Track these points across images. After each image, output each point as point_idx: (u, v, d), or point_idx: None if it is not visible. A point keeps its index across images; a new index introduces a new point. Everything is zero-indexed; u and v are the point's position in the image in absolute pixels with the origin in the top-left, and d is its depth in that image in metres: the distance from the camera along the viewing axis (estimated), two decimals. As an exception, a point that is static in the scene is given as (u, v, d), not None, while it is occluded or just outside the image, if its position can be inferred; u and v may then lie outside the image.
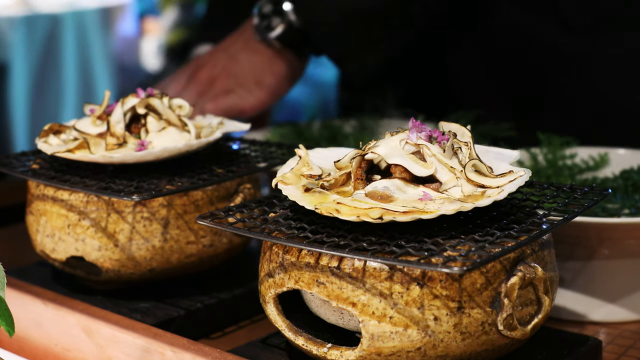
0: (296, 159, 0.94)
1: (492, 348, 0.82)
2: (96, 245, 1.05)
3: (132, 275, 1.07)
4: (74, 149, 1.07)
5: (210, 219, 0.88)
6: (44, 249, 1.10)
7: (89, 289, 1.11)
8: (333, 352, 0.84)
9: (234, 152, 1.16)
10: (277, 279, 0.86)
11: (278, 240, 0.82)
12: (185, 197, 1.06)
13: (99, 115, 1.10)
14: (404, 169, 0.85)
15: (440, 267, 0.74)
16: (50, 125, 1.12)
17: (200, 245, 1.08)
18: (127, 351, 0.95)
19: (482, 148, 0.93)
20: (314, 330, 0.88)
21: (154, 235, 1.05)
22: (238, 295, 1.12)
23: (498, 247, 0.78)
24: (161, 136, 1.08)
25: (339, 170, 0.89)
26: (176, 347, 0.91)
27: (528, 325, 0.83)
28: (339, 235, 0.81)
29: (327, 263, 0.81)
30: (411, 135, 0.87)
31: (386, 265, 0.79)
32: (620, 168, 1.25)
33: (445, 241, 0.79)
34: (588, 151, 1.31)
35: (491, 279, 0.80)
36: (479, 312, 0.80)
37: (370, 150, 0.87)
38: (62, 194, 1.06)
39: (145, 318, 1.04)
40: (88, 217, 1.05)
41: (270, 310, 0.89)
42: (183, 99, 1.11)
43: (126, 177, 1.05)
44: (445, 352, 0.81)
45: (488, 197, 0.82)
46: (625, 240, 1.06)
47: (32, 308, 1.05)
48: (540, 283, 0.83)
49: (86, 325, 0.99)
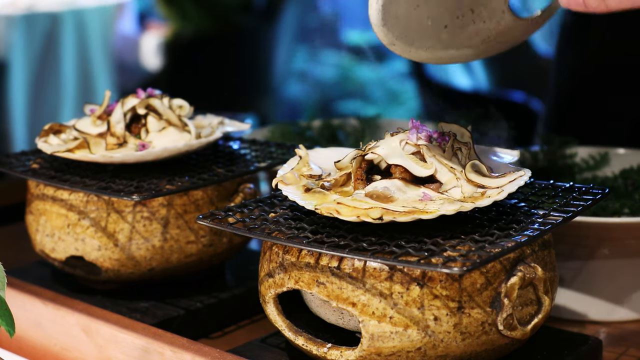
0: (296, 159, 0.94)
1: (492, 348, 0.82)
2: (96, 245, 1.05)
3: (131, 275, 1.07)
4: (74, 148, 1.07)
5: (210, 219, 0.88)
6: (44, 249, 1.09)
7: (88, 288, 1.11)
8: (333, 352, 0.84)
9: (234, 152, 1.16)
10: (277, 279, 0.86)
11: (278, 240, 0.82)
12: (185, 197, 1.06)
13: (99, 115, 1.10)
14: (404, 170, 0.85)
15: (440, 267, 0.74)
16: (50, 125, 1.12)
17: (200, 245, 1.08)
18: (127, 351, 0.95)
19: (482, 148, 0.93)
20: (314, 330, 0.88)
21: (153, 235, 1.05)
22: (238, 295, 1.12)
23: (498, 247, 0.78)
24: (161, 136, 1.08)
25: (340, 170, 0.89)
26: (176, 347, 0.91)
27: (528, 325, 0.83)
28: (339, 235, 0.81)
29: (327, 263, 0.81)
30: (411, 135, 0.87)
31: (386, 266, 0.79)
32: (620, 167, 1.25)
33: (445, 241, 0.79)
34: (588, 151, 1.31)
35: (491, 279, 0.80)
36: (479, 312, 0.80)
37: (371, 150, 0.87)
38: (62, 194, 1.06)
39: (145, 318, 1.04)
40: (88, 216, 1.05)
41: (270, 310, 0.88)
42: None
43: (126, 177, 1.05)
44: (445, 352, 0.81)
45: (488, 198, 0.83)
46: (625, 240, 1.06)
47: (32, 308, 1.05)
48: (540, 283, 0.83)
49: (86, 325, 0.99)
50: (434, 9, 0.84)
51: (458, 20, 0.86)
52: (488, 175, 0.86)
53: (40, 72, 3.78)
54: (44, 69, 3.80)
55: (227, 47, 4.30)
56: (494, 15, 0.88)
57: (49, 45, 3.79)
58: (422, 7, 0.83)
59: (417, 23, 0.84)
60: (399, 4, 0.82)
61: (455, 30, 0.86)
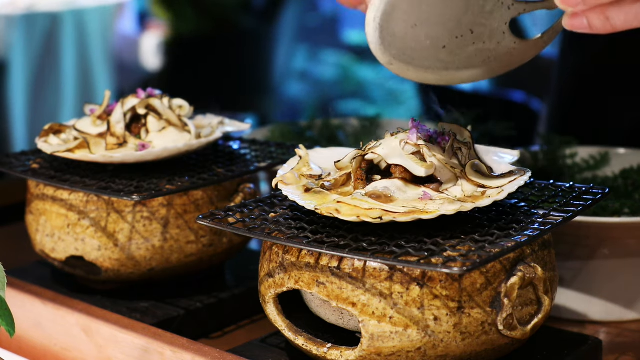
0: (296, 159, 0.94)
1: (492, 348, 0.82)
2: (96, 245, 1.05)
3: (131, 275, 1.07)
4: (74, 148, 1.07)
5: (210, 219, 0.88)
6: (44, 249, 1.09)
7: (88, 288, 1.11)
8: (333, 352, 0.84)
9: (234, 152, 1.16)
10: (277, 279, 0.86)
11: (278, 240, 0.82)
12: (185, 197, 1.06)
13: (99, 115, 1.10)
14: (404, 169, 0.85)
15: (440, 267, 0.74)
16: (50, 125, 1.12)
17: (200, 245, 1.08)
18: (127, 351, 0.95)
19: (482, 148, 0.93)
20: (314, 330, 0.88)
21: (153, 235, 1.05)
22: (238, 295, 1.11)
23: (498, 247, 0.78)
24: (161, 136, 1.08)
25: (340, 170, 0.89)
26: (176, 347, 0.91)
27: (528, 325, 0.83)
28: (339, 235, 0.81)
29: (327, 263, 0.81)
30: (411, 135, 0.87)
31: (386, 266, 0.79)
32: (621, 167, 1.25)
33: (445, 241, 0.79)
34: (588, 150, 1.31)
35: (491, 279, 0.80)
36: (479, 312, 0.80)
37: (371, 150, 0.87)
38: (62, 194, 1.06)
39: (145, 318, 1.04)
40: (88, 216, 1.05)
41: (270, 310, 0.88)
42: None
43: (126, 177, 1.05)
44: (445, 352, 0.81)
45: (488, 197, 0.83)
46: (625, 240, 1.06)
47: (32, 308, 1.05)
48: (540, 283, 0.83)
49: (85, 325, 0.99)
50: (432, 28, 0.84)
51: (457, 40, 0.86)
52: (488, 175, 0.86)
53: (40, 72, 3.78)
54: (44, 69, 3.79)
55: (227, 47, 4.31)
56: (494, 36, 0.88)
57: (48, 45, 3.79)
58: (420, 26, 0.83)
59: (415, 42, 0.84)
60: (397, 23, 0.82)
61: (454, 50, 0.86)
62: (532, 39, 0.90)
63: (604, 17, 0.80)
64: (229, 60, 4.27)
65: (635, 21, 0.80)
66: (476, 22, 0.86)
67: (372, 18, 0.81)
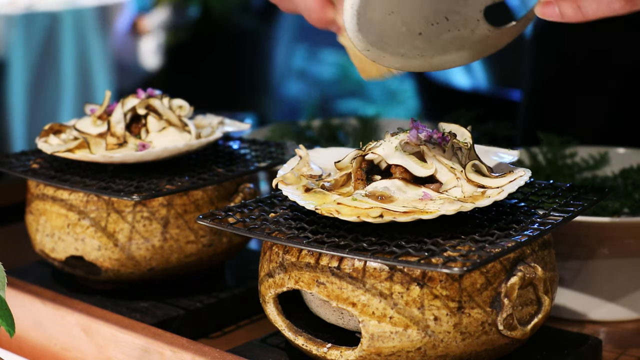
0: (296, 159, 0.94)
1: (492, 348, 0.82)
2: (96, 245, 1.05)
3: (131, 275, 1.07)
4: (74, 148, 1.07)
5: (210, 219, 0.88)
6: (44, 249, 1.09)
7: (88, 288, 1.11)
8: (333, 352, 0.84)
9: (234, 152, 1.16)
10: (277, 279, 0.86)
11: (278, 240, 0.82)
12: (185, 197, 1.06)
13: (100, 115, 1.10)
14: (404, 170, 0.85)
15: (440, 267, 0.74)
16: (50, 125, 1.12)
17: (200, 245, 1.08)
18: (127, 351, 0.95)
19: (482, 148, 0.93)
20: (314, 330, 0.88)
21: (153, 234, 1.05)
22: (238, 295, 1.11)
23: (498, 247, 0.78)
24: (161, 136, 1.08)
25: (340, 170, 0.89)
26: (176, 347, 0.91)
27: (528, 325, 0.83)
28: (339, 236, 0.81)
29: (327, 263, 0.81)
30: (411, 135, 0.87)
31: (386, 266, 0.79)
32: (620, 167, 1.25)
33: (445, 241, 0.79)
34: (588, 150, 1.31)
35: (491, 279, 0.80)
36: (479, 312, 0.80)
37: (371, 150, 0.87)
38: (61, 194, 1.06)
39: (145, 318, 1.04)
40: (88, 216, 1.05)
41: (270, 310, 0.89)
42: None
43: (126, 176, 1.05)
44: (445, 352, 0.81)
45: (488, 198, 0.83)
46: (625, 239, 1.06)
47: (32, 308, 1.05)
48: (540, 283, 0.83)
49: (85, 325, 0.99)
50: (409, 15, 0.84)
51: (433, 27, 0.86)
52: (488, 175, 0.86)
53: (40, 72, 3.78)
54: (44, 69, 3.80)
55: (227, 47, 4.31)
56: (469, 23, 0.88)
57: (48, 44, 3.79)
58: (397, 13, 0.84)
59: (391, 29, 0.84)
60: (374, 10, 0.82)
61: (430, 37, 0.86)
62: (505, 26, 0.90)
63: (575, 6, 0.81)
64: (229, 60, 4.27)
65: (607, 10, 0.80)
66: (451, 9, 0.87)
67: (350, 5, 0.81)
